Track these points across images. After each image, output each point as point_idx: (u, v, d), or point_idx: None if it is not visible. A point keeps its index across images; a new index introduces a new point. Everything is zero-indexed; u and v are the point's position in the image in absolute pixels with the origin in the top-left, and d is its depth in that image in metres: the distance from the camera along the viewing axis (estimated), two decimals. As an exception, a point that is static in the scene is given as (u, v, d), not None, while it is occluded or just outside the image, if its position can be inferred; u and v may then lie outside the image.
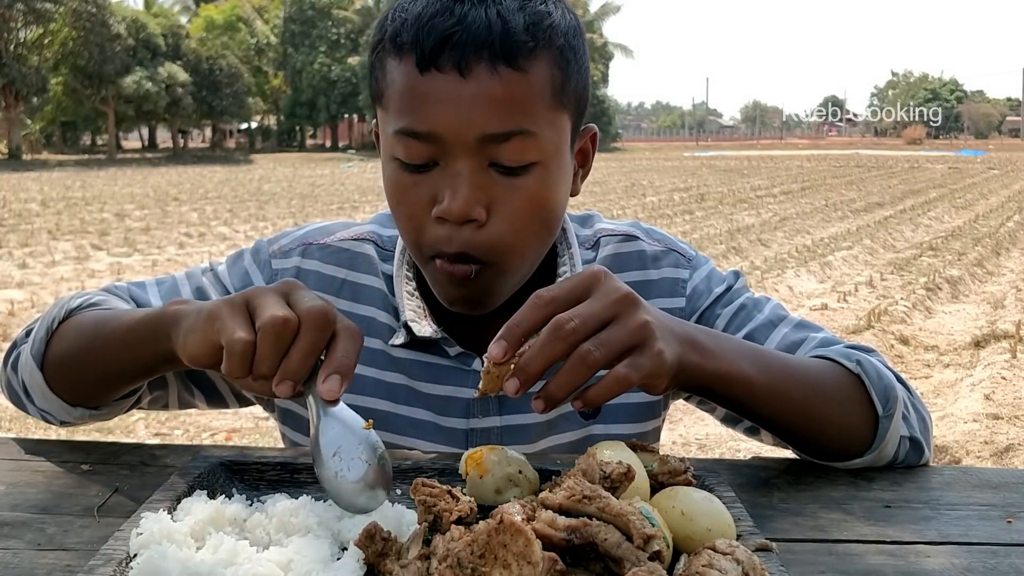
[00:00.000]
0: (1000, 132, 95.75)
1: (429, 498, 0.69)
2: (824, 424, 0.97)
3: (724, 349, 0.89)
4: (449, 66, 0.90)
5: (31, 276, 8.63)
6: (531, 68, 0.92)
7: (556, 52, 0.94)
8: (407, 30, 0.92)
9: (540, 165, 0.95)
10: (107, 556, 0.66)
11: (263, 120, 63.76)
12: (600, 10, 60.85)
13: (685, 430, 4.21)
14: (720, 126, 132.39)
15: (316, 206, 16.18)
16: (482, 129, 0.91)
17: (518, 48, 0.90)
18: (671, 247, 1.16)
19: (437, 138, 0.92)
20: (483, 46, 0.89)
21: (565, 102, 0.96)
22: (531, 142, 0.93)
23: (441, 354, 1.08)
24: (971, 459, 3.98)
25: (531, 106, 0.92)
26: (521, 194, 0.94)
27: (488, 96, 0.90)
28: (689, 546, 0.68)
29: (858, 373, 0.98)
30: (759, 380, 0.91)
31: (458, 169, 0.92)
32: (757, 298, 1.15)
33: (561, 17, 0.96)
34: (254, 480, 0.85)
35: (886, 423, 0.97)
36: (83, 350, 0.98)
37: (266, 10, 55.16)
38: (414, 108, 0.92)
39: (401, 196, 0.97)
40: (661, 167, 32.35)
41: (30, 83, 38.58)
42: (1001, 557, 0.77)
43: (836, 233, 11.77)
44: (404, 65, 0.93)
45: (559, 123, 0.96)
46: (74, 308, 1.02)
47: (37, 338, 1.01)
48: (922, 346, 6.07)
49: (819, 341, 1.08)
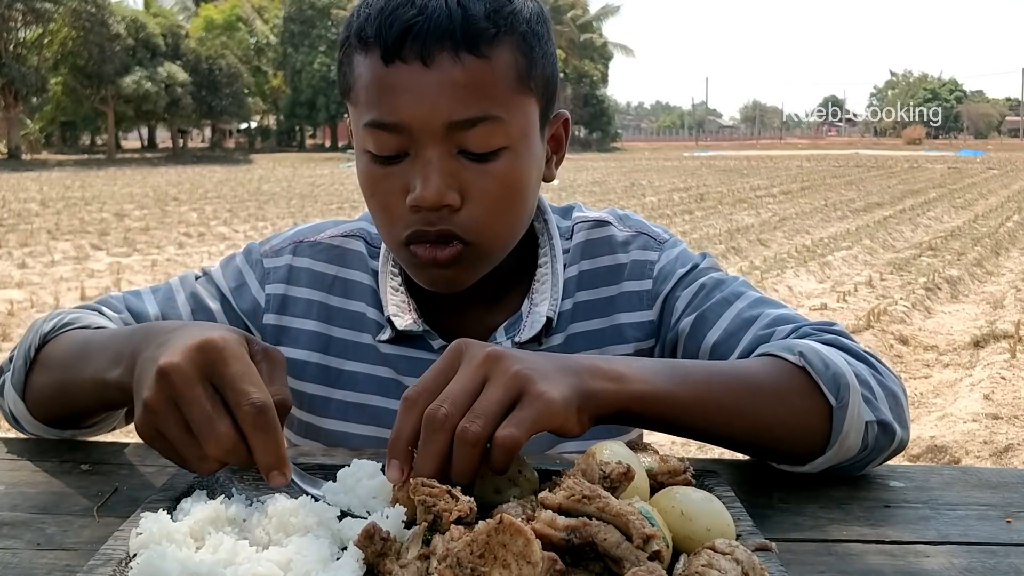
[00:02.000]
0: (1000, 132, 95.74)
1: (428, 498, 0.69)
2: (769, 426, 0.89)
3: (635, 369, 0.83)
4: (412, 56, 0.92)
5: (30, 276, 8.62)
6: (494, 54, 0.94)
7: (519, 38, 0.96)
8: (371, 24, 0.94)
9: (509, 149, 0.96)
10: (106, 556, 0.66)
11: (263, 120, 63.74)
12: (600, 10, 60.80)
13: (685, 430, 4.20)
14: (720, 126, 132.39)
15: (316, 206, 16.17)
16: (448, 116, 0.92)
17: (479, 35, 0.92)
18: (642, 231, 1.16)
19: (405, 128, 0.94)
20: (444, 35, 0.91)
21: (531, 86, 0.98)
22: (498, 127, 0.95)
23: (426, 348, 1.09)
24: (970, 459, 3.98)
25: (496, 91, 0.94)
26: (492, 178, 0.96)
27: (452, 83, 0.92)
28: (688, 546, 0.68)
29: (802, 366, 0.90)
30: (682, 394, 0.84)
31: (428, 157, 0.94)
32: (722, 278, 1.11)
33: (523, 4, 0.97)
34: (254, 480, 0.84)
35: (841, 414, 0.88)
36: (56, 382, 0.97)
37: (266, 10, 55.13)
38: (381, 100, 0.94)
39: (374, 188, 0.99)
40: (661, 167, 32.34)
41: (29, 83, 38.56)
42: (1000, 557, 0.77)
43: (835, 233, 11.77)
44: (370, 59, 0.95)
45: (526, 107, 0.98)
46: (47, 332, 1.00)
47: (16, 367, 1.01)
48: (921, 346, 6.07)
49: (774, 318, 1.03)
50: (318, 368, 1.12)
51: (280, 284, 1.13)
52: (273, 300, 1.13)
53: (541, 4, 1.02)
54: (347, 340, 1.11)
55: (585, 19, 60.22)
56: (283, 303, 1.13)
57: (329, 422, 1.11)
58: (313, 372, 1.12)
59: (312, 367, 1.12)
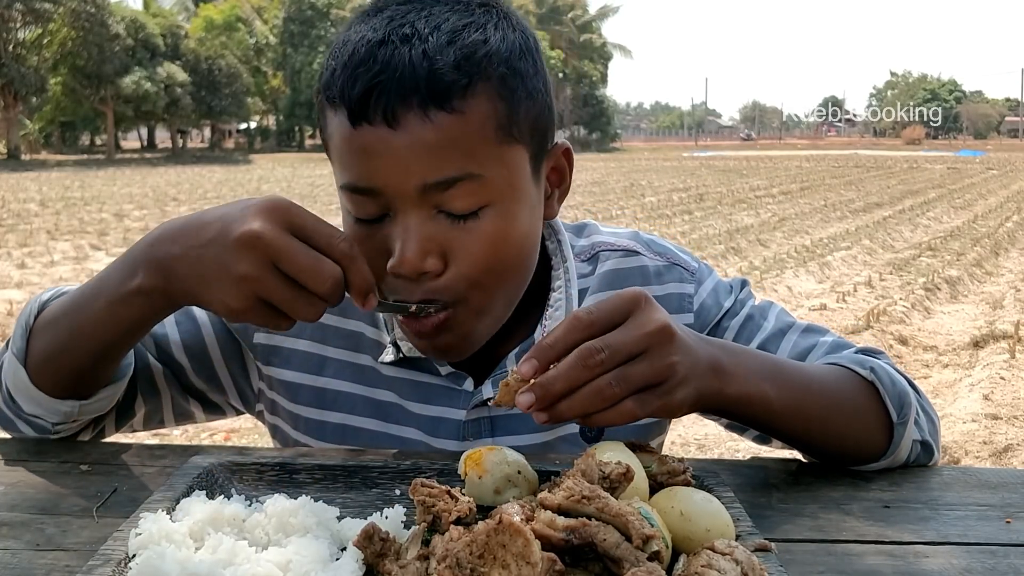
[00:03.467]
0: (999, 132, 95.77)
1: (428, 498, 0.69)
2: (841, 436, 0.96)
3: (746, 370, 0.88)
4: (378, 117, 0.85)
5: (30, 276, 8.62)
6: (468, 107, 0.86)
7: (497, 83, 0.88)
8: (335, 82, 0.89)
9: (492, 206, 0.90)
10: (106, 556, 0.66)
11: (262, 120, 63.72)
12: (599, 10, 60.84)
13: (684, 430, 4.21)
14: (719, 126, 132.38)
15: (315, 206, 16.16)
16: (421, 179, 0.86)
17: (449, 88, 0.85)
18: (673, 261, 1.13)
19: (378, 192, 0.88)
20: (410, 92, 0.85)
21: (516, 134, 0.90)
22: (478, 185, 0.88)
23: (432, 372, 1.05)
24: (970, 459, 3.98)
25: (473, 147, 0.87)
26: (476, 237, 0.90)
27: (423, 144, 0.85)
28: (688, 546, 0.68)
29: (872, 380, 0.97)
30: (778, 399, 0.90)
31: (406, 222, 0.88)
32: (760, 305, 1.14)
33: (501, 41, 0.89)
34: (253, 480, 0.85)
35: (901, 429, 0.97)
36: (62, 328, 0.94)
37: (265, 10, 55.11)
38: (352, 163, 0.89)
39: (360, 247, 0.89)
40: (660, 167, 32.35)
41: (29, 83, 38.57)
42: (1000, 557, 0.77)
43: (835, 233, 11.77)
44: (338, 117, 0.89)
45: (510, 158, 0.91)
46: (46, 300, 0.99)
47: (16, 336, 0.98)
48: (921, 346, 6.07)
49: (829, 346, 1.09)
50: (312, 391, 1.08)
51: None
52: None
53: (525, 32, 0.94)
54: (343, 361, 1.07)
55: (584, 19, 60.19)
56: None
57: (325, 446, 1.07)
58: (307, 395, 1.08)
59: (306, 390, 1.08)
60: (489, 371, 1.05)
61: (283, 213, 0.81)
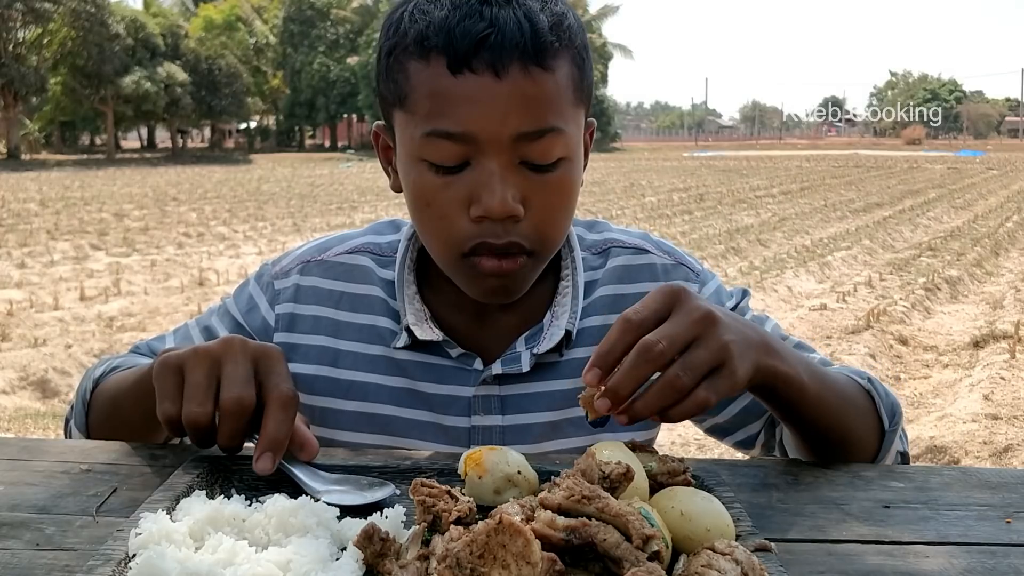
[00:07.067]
0: (999, 132, 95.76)
1: (428, 498, 0.69)
2: (849, 433, 1.01)
3: (788, 352, 0.93)
4: (484, 67, 0.92)
5: (30, 276, 8.63)
6: (557, 67, 0.95)
7: (575, 51, 0.98)
8: (435, 33, 0.94)
9: (567, 160, 0.98)
10: (106, 556, 0.66)
11: (262, 120, 63.73)
12: (599, 10, 60.86)
13: (684, 430, 4.21)
14: (719, 126, 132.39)
15: (315, 206, 16.17)
16: (517, 128, 0.94)
17: (546, 48, 0.94)
18: (680, 261, 1.18)
19: (471, 138, 0.94)
20: (516, 47, 0.92)
21: (583, 98, 1.00)
22: (559, 139, 0.96)
23: (443, 355, 1.09)
24: (970, 459, 3.98)
25: (559, 104, 0.96)
26: (551, 188, 0.98)
27: (522, 96, 0.93)
28: (688, 546, 0.68)
29: (868, 389, 1.04)
30: (810, 385, 0.94)
31: (492, 168, 0.95)
32: (758, 316, 1.17)
33: (574, 18, 1.00)
34: (253, 480, 0.85)
35: (891, 436, 1.04)
36: (112, 419, 1.07)
37: (265, 10, 55.14)
38: (446, 110, 0.94)
39: (432, 198, 0.98)
40: (660, 167, 32.36)
41: (29, 83, 38.56)
42: (1000, 557, 0.77)
43: (835, 233, 11.78)
44: (433, 67, 0.94)
45: (579, 118, 1.01)
46: (98, 377, 1.11)
47: (77, 412, 1.11)
48: (921, 346, 6.08)
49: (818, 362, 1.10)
50: (327, 381, 1.12)
51: (289, 304, 1.14)
52: (283, 319, 1.14)
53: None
54: (356, 352, 1.12)
55: (584, 19, 60.27)
56: (292, 321, 1.14)
57: (341, 434, 1.11)
58: (323, 385, 1.12)
59: (321, 380, 1.12)
60: (498, 354, 1.09)
61: (263, 349, 0.89)
